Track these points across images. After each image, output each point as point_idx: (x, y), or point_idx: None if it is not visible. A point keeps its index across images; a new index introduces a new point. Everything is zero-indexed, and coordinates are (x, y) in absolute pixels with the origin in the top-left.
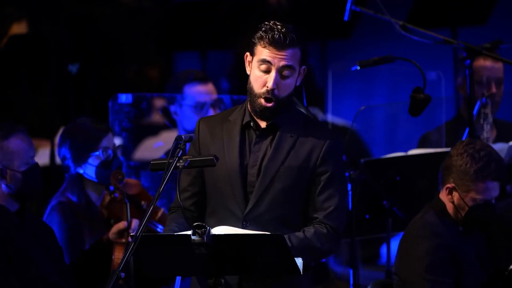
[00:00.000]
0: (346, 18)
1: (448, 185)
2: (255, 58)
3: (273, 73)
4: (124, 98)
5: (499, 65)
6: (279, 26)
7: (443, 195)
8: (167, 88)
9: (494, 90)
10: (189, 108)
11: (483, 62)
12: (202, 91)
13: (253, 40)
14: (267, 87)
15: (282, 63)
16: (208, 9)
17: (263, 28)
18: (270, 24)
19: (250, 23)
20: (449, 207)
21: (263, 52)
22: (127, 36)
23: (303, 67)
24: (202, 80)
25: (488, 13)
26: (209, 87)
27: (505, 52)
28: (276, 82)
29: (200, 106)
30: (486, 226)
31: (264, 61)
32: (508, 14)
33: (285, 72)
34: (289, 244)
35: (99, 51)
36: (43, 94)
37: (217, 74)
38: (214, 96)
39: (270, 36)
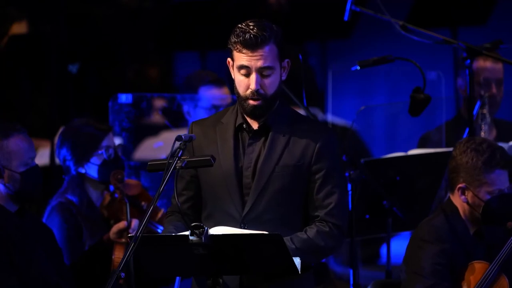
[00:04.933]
0: (346, 18)
1: (460, 185)
2: (234, 64)
3: (253, 76)
4: (124, 98)
5: (499, 66)
6: (250, 26)
7: (456, 198)
8: (181, 87)
9: (494, 90)
10: (203, 110)
11: (483, 63)
12: (217, 94)
13: (228, 46)
14: (251, 89)
15: (259, 63)
16: (208, 9)
17: (235, 32)
18: (242, 26)
19: None
20: (464, 209)
21: (239, 57)
22: (127, 36)
23: (286, 60)
24: (218, 83)
25: (488, 13)
26: (224, 91)
27: (505, 52)
28: (258, 83)
29: (215, 109)
30: (505, 217)
31: (242, 66)
32: (508, 14)
33: (265, 72)
34: (292, 245)
35: (99, 51)
36: (43, 94)
37: (217, 74)
38: (229, 99)
39: (241, 39)
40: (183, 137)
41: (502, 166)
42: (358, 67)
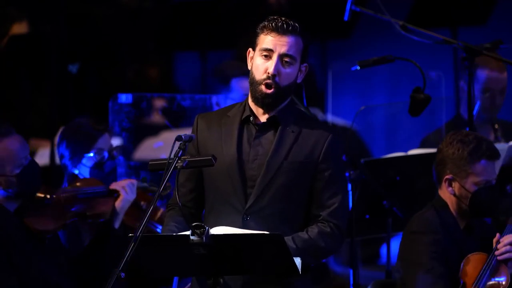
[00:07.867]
0: (346, 18)
1: (446, 177)
2: (258, 48)
3: (274, 58)
4: (124, 98)
5: (504, 76)
6: (283, 18)
7: (443, 191)
8: (212, 77)
9: (497, 101)
10: (234, 102)
11: (490, 73)
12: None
13: (256, 30)
14: (268, 73)
15: (284, 49)
16: (208, 9)
17: (267, 19)
18: (275, 16)
19: (250, 23)
20: (452, 201)
21: (265, 39)
22: (127, 36)
23: (305, 64)
24: None
25: (488, 13)
26: None
27: (505, 52)
28: (277, 68)
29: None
30: (493, 209)
31: (266, 49)
32: (508, 14)
33: (286, 59)
34: (293, 245)
35: (99, 51)
36: (43, 94)
37: None
38: None
39: (273, 24)
40: (183, 137)
41: (488, 156)
42: (358, 67)
